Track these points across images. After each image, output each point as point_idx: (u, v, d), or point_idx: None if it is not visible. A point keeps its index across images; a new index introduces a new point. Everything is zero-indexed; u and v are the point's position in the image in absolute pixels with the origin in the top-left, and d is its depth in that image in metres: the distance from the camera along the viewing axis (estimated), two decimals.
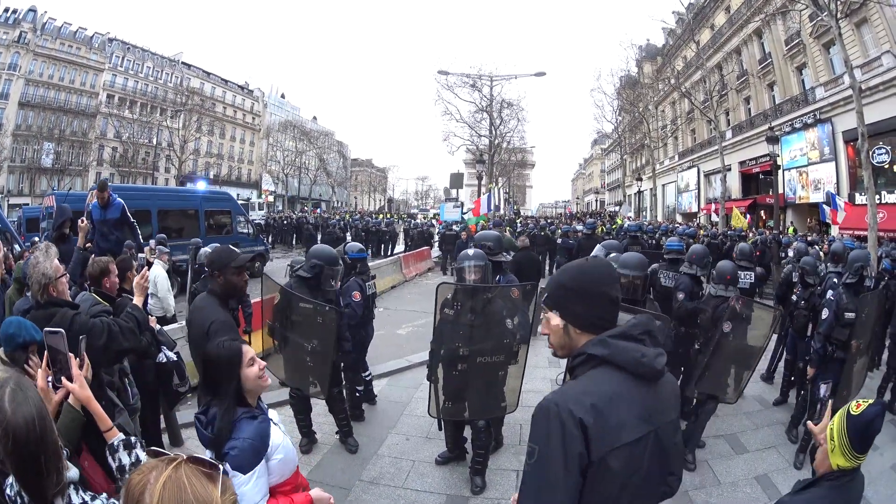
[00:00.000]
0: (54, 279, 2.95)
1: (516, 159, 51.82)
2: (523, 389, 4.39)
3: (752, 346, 4.95)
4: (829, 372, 5.06)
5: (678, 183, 42.56)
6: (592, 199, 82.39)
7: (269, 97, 69.98)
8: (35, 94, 43.66)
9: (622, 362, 1.57)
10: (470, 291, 4.11)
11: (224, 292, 3.47)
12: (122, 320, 3.07)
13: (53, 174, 43.36)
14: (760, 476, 4.80)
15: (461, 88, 33.97)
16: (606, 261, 2.20)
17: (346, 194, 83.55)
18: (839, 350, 5.01)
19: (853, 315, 4.92)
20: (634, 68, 41.55)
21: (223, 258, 3.48)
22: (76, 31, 47.52)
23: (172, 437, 5.03)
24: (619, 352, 1.58)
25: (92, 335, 2.78)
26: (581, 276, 1.72)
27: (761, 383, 7.20)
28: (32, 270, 2.93)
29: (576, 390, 1.57)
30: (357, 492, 4.39)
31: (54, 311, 2.85)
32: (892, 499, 4.38)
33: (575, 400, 1.51)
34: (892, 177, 20.99)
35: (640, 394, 1.58)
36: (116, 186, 13.72)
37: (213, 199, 17.00)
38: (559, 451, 1.47)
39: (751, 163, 31.02)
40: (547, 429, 1.51)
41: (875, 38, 20.74)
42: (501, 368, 4.16)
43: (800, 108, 26.02)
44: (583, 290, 1.69)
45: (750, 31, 30.14)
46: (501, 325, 4.11)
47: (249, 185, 62.06)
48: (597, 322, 1.67)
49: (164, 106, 51.78)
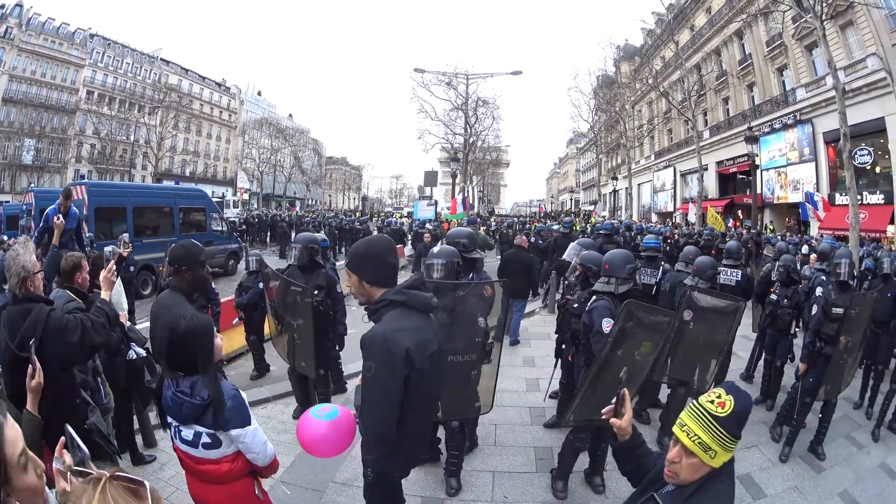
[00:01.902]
0: (32, 273, 2.86)
1: (491, 158, 50.99)
2: (498, 389, 4.41)
3: (718, 337, 4.91)
4: (817, 367, 5.06)
5: (654, 182, 41.84)
6: (567, 198, 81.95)
7: (245, 94, 67.95)
8: (18, 91, 42.17)
9: (416, 304, 2.37)
10: (440, 289, 3.82)
11: (191, 287, 3.27)
12: (92, 315, 2.94)
13: (34, 171, 41.93)
14: (742, 476, 4.56)
15: (437, 86, 32.91)
16: (387, 237, 2.74)
17: (320, 192, 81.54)
18: (827, 346, 5.04)
19: (841, 310, 4.94)
20: (612, 68, 40.59)
21: (192, 253, 3.25)
22: (59, 27, 45.95)
23: (146, 437, 4.85)
24: (413, 297, 2.38)
25: (67, 331, 2.73)
26: (368, 247, 2.47)
27: (742, 383, 6.81)
28: (12, 263, 2.82)
29: (394, 325, 2.28)
30: (331, 494, 4.22)
31: (31, 307, 2.77)
32: (880, 497, 4.36)
33: (397, 330, 2.26)
34: (874, 178, 20.66)
35: (427, 322, 2.43)
36: (94, 183, 13.93)
37: (188, 196, 16.30)
38: (391, 365, 2.21)
39: (728, 163, 30.45)
40: (381, 351, 2.22)
41: (861, 40, 20.15)
42: (474, 367, 4.01)
43: (780, 108, 25.43)
44: (370, 255, 2.43)
45: (731, 32, 29.44)
46: (473, 323, 3.92)
47: (225, 182, 60.08)
48: (382, 279, 2.41)
49: (142, 103, 50.03)
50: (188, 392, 2.36)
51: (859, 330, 5.03)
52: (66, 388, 2.86)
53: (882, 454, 5.14)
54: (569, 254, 7.70)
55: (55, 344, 2.68)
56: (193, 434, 2.42)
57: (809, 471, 4.80)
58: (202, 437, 2.42)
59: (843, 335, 4.84)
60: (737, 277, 6.18)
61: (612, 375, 3.82)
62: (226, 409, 2.36)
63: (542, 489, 4.37)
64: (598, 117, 43.46)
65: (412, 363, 2.21)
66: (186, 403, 2.36)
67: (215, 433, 2.41)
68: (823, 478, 4.67)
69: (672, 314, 4.22)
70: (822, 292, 5.24)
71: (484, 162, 47.75)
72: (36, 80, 43.65)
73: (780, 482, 4.59)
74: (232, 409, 2.38)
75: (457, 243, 4.82)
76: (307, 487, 4.26)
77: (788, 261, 6.28)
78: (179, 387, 2.39)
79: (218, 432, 2.41)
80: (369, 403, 2.30)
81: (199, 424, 2.40)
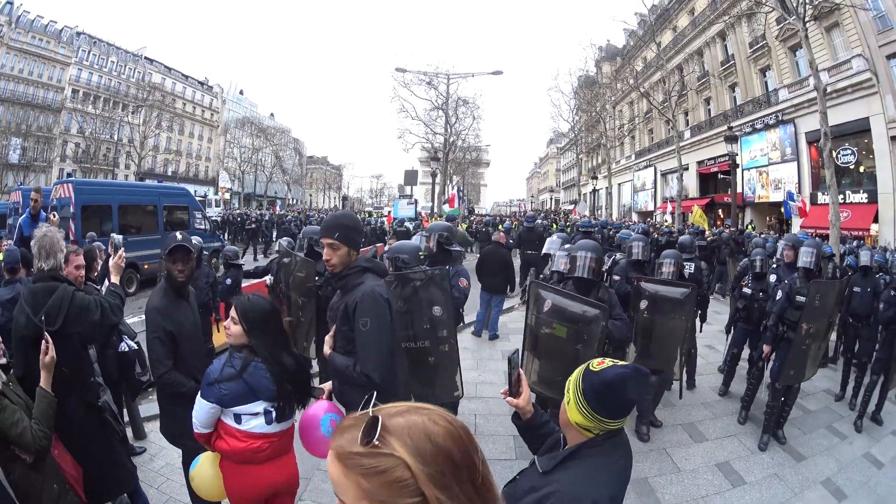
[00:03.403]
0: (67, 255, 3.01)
1: (471, 157, 50.23)
2: (477, 381, 4.89)
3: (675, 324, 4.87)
4: (780, 351, 5.18)
5: (634, 182, 41.39)
6: (547, 198, 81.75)
7: (227, 93, 66.29)
8: (5, 89, 40.74)
9: (379, 271, 2.79)
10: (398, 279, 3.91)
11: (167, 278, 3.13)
12: (108, 297, 3.04)
13: (19, 170, 40.35)
14: (721, 463, 4.67)
15: (418, 86, 31.98)
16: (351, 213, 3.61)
17: (301, 192, 79.89)
18: (790, 330, 5.10)
19: (804, 298, 4.97)
20: (593, 68, 39.99)
21: (164, 245, 3.15)
22: (47, 25, 44.62)
23: (135, 429, 4.81)
24: (377, 265, 2.79)
25: (89, 311, 2.82)
26: (350, 219, 2.82)
27: (719, 375, 6.80)
28: (51, 242, 2.88)
29: (373, 284, 2.65)
30: (316, 481, 4.18)
31: (55, 286, 2.83)
32: (864, 486, 4.37)
33: (378, 288, 2.65)
34: (858, 177, 20.42)
35: (386, 283, 2.87)
36: (81, 181, 13.79)
37: (171, 194, 15.87)
38: (385, 317, 2.62)
39: (709, 162, 30.00)
40: (374, 306, 2.58)
41: (846, 41, 19.83)
42: (430, 354, 3.95)
43: (762, 109, 25.03)
44: (355, 227, 2.77)
45: (713, 33, 28.97)
46: (427, 311, 3.87)
47: (206, 182, 58.56)
48: (357, 243, 2.75)
49: (126, 101, 48.63)
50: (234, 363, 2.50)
51: (822, 317, 5.02)
52: (83, 366, 3.01)
53: (866, 444, 5.20)
54: (549, 247, 8.37)
55: (78, 322, 2.80)
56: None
57: (790, 459, 4.79)
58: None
59: (805, 322, 4.82)
60: (690, 270, 6.28)
61: (543, 351, 4.01)
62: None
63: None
64: (579, 117, 42.71)
65: (391, 309, 2.71)
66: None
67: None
68: (804, 466, 4.67)
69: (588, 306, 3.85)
70: (788, 280, 5.47)
71: (464, 161, 46.98)
72: (23, 78, 42.21)
73: (759, 470, 4.58)
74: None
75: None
76: None
77: (759, 254, 6.34)
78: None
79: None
80: (370, 346, 2.57)
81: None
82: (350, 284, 2.69)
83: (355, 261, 2.71)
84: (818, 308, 4.85)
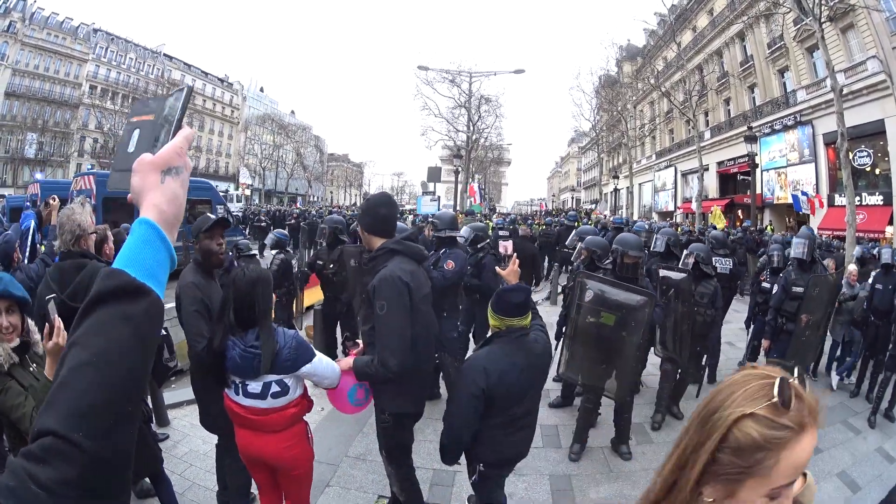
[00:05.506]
0: (87, 233, 3.04)
1: (493, 156, 51.11)
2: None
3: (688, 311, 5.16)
4: (780, 342, 5.53)
5: (655, 182, 41.91)
6: (568, 197, 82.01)
7: (247, 90, 67.91)
8: (21, 85, 42.21)
9: (411, 254, 2.89)
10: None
11: (203, 258, 3.28)
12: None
13: (36, 165, 41.94)
14: None
15: (440, 84, 33.20)
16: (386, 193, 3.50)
17: (322, 189, 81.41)
18: (789, 322, 5.46)
19: (801, 290, 5.33)
20: (614, 68, 40.66)
21: (198, 224, 3.32)
22: (62, 22, 45.86)
23: (158, 416, 4.89)
24: (408, 248, 2.90)
25: None
26: (367, 202, 3.10)
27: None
28: (67, 220, 2.97)
29: (395, 267, 2.74)
30: (345, 467, 4.45)
31: (84, 262, 2.93)
32: (878, 479, 4.55)
33: (398, 271, 2.72)
34: (874, 179, 20.77)
35: (420, 270, 2.98)
36: (102, 173, 13.95)
37: (194, 188, 15.95)
38: (403, 300, 2.69)
39: (729, 163, 30.54)
40: (392, 290, 2.67)
41: (861, 43, 20.25)
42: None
43: (780, 109, 25.50)
44: (367, 208, 2.99)
45: (732, 33, 29.50)
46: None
47: (227, 178, 59.97)
48: (378, 229, 2.91)
49: (145, 98, 49.65)
50: (258, 345, 2.48)
51: (820, 309, 5.34)
52: None
53: (879, 439, 5.35)
54: (571, 241, 8.42)
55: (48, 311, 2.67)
56: (262, 386, 2.54)
57: None
58: (271, 387, 2.55)
59: (804, 313, 5.16)
60: (728, 266, 6.79)
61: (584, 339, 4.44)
62: (294, 349, 2.54)
63: (549, 462, 4.60)
64: (600, 117, 43.43)
65: (412, 296, 2.74)
66: (258, 357, 2.47)
67: (282, 379, 2.55)
68: (821, 459, 4.80)
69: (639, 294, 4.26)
70: (784, 273, 5.87)
71: (486, 160, 47.87)
72: (39, 74, 43.62)
73: None
74: (298, 347, 2.57)
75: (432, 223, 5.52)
76: (321, 461, 4.35)
77: (777, 249, 6.78)
78: (248, 343, 2.50)
79: (285, 377, 2.56)
80: (385, 330, 2.66)
81: (272, 373, 2.52)
82: (377, 267, 2.82)
83: (384, 243, 2.85)
84: (816, 299, 5.19)
